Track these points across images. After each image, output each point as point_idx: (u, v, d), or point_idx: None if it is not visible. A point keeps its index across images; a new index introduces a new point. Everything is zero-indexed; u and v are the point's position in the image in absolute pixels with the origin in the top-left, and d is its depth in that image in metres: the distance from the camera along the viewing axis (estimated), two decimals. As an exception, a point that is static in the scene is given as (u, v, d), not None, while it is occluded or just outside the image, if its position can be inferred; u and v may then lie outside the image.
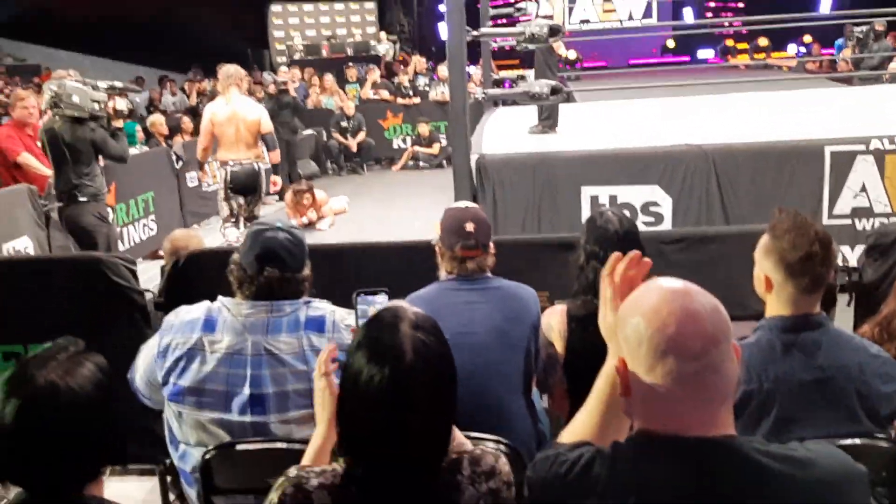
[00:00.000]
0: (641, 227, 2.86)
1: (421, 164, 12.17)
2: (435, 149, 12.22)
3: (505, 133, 7.18)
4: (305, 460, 1.62)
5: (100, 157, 5.39)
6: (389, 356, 1.27)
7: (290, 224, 2.13)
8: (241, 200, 6.16)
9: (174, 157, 8.08)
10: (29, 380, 1.34)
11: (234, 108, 6.09)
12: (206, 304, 2.05)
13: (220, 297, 2.06)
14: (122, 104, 5.42)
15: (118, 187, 6.99)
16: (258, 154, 6.22)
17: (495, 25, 12.70)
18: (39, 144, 5.72)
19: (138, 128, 9.65)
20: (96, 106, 5.13)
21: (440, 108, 12.23)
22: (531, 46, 6.21)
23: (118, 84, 5.49)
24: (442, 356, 1.32)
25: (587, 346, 2.36)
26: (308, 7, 19.00)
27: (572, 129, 7.01)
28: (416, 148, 12.35)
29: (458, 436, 1.53)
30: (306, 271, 2.10)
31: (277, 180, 7.04)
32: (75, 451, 1.36)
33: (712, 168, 5.28)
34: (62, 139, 5.16)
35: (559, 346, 2.51)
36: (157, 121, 9.55)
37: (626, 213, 2.73)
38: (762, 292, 1.98)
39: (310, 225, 8.00)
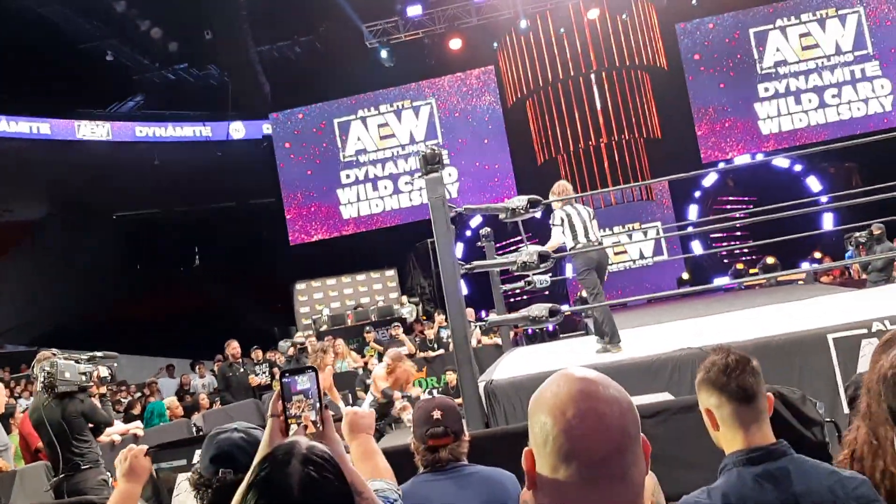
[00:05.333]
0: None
1: (449, 414, 12.08)
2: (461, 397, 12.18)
3: (518, 364, 7.24)
4: None
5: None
6: (276, 496, 1.25)
7: (247, 425, 2.14)
8: None
9: (194, 429, 8.20)
10: None
11: None
12: None
13: None
14: (104, 372, 5.74)
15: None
16: None
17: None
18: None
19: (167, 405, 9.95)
20: (84, 377, 5.42)
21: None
22: (530, 275, 6.49)
23: (98, 354, 5.81)
24: (336, 493, 1.29)
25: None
26: (331, 281, 19.97)
27: (583, 350, 7.07)
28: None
29: None
30: None
31: None
32: None
33: (719, 368, 5.24)
34: (58, 416, 5.38)
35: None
36: (172, 404, 9.93)
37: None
38: (714, 435, 2.02)
39: None
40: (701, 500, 1.90)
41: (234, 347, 10.66)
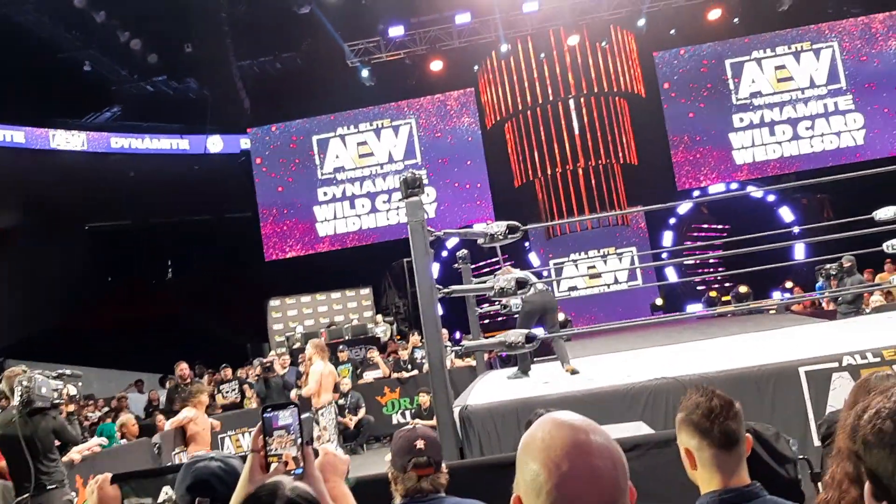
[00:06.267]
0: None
1: (421, 436, 12.03)
2: (436, 420, 12.13)
3: (493, 388, 7.24)
4: None
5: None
6: None
7: (225, 454, 2.13)
8: None
9: (155, 449, 8.08)
10: None
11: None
12: None
13: None
14: (73, 390, 5.66)
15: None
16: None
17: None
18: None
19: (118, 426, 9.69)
20: (55, 394, 5.33)
21: (436, 378, 12.34)
22: (504, 300, 6.54)
23: (66, 371, 5.72)
24: None
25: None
26: (305, 298, 19.85)
27: (558, 377, 7.09)
28: (417, 421, 12.27)
29: None
30: None
31: None
32: None
33: (693, 399, 5.27)
34: (30, 432, 5.27)
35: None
36: (129, 421, 9.58)
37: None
38: (691, 473, 2.01)
39: None
40: None
41: (182, 368, 10.49)
